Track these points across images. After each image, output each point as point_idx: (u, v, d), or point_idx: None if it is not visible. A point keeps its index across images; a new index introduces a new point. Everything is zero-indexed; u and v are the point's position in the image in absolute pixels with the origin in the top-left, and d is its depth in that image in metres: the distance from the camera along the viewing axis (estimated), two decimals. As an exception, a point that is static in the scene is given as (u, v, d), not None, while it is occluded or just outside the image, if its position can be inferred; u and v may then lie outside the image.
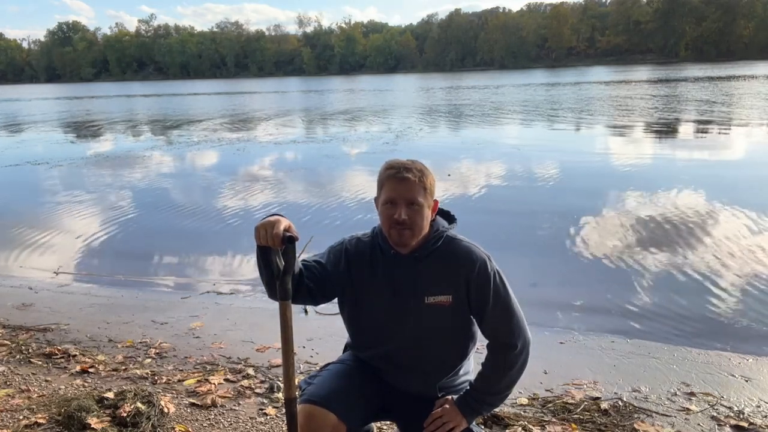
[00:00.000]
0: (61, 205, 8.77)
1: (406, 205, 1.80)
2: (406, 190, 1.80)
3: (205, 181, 10.58)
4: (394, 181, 1.81)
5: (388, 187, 1.82)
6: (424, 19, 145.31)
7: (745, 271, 4.98)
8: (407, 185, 1.80)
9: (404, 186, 1.80)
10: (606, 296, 4.67)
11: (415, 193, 1.80)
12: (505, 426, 2.74)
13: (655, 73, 55.82)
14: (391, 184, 1.82)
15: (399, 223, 1.79)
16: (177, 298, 4.94)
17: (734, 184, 8.39)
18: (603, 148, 12.55)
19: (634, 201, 7.53)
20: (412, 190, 1.80)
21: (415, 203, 1.80)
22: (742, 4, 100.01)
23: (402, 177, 1.80)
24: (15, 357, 3.64)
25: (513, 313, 1.86)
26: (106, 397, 2.89)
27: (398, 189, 1.80)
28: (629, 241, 5.95)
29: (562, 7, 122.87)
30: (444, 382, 1.98)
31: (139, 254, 6.32)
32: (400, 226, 1.80)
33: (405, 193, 1.80)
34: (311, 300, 1.92)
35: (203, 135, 18.08)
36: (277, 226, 1.67)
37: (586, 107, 22.92)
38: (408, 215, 1.79)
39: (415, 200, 1.80)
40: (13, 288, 5.26)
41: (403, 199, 1.80)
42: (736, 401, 3.00)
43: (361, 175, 10.45)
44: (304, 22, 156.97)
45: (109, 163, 13.12)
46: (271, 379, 3.27)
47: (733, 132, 14.32)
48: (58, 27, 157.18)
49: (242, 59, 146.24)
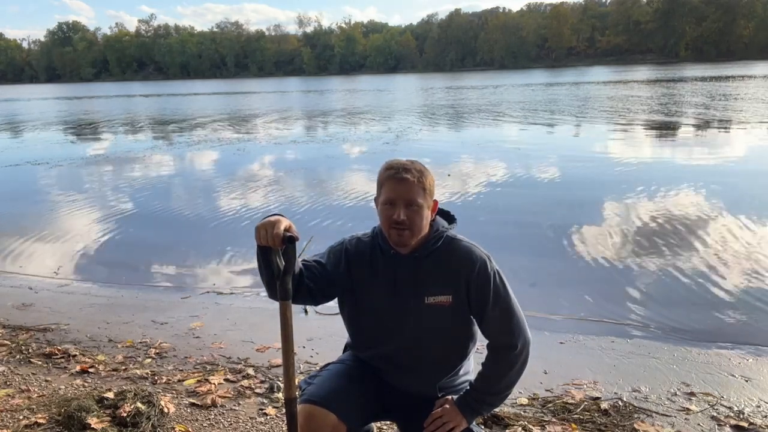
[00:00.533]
0: (61, 205, 8.77)
1: (405, 206, 1.80)
2: (405, 191, 1.80)
3: (205, 181, 10.58)
4: (393, 181, 1.81)
5: (387, 188, 1.82)
6: (424, 19, 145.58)
7: (745, 271, 4.98)
8: (406, 186, 1.80)
9: (403, 187, 1.80)
10: (606, 296, 4.66)
11: (413, 194, 1.80)
12: (505, 426, 2.74)
13: (655, 73, 55.84)
14: (390, 185, 1.82)
15: (398, 223, 1.80)
16: (177, 298, 4.93)
17: (734, 184, 8.39)
18: (603, 148, 12.55)
19: (635, 201, 7.53)
20: (410, 190, 1.80)
21: (413, 204, 1.80)
22: (742, 4, 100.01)
23: (401, 178, 1.80)
24: (15, 357, 3.64)
25: (513, 313, 1.86)
26: (106, 397, 2.89)
27: (397, 189, 1.80)
28: (629, 241, 5.95)
29: (562, 7, 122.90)
30: (444, 382, 1.98)
31: (139, 254, 6.32)
32: (399, 226, 1.80)
33: (404, 194, 1.80)
34: (311, 300, 1.92)
35: (203, 135, 18.08)
36: (277, 226, 1.67)
37: (585, 107, 22.92)
38: (407, 216, 1.79)
39: (414, 201, 1.80)
40: (13, 288, 5.26)
41: (402, 199, 1.80)
42: (736, 401, 3.00)
43: (362, 175, 10.45)
44: (304, 22, 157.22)
45: (109, 163, 13.12)
46: (271, 379, 3.27)
47: (733, 132, 14.33)
48: (58, 27, 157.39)
49: (242, 59, 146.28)
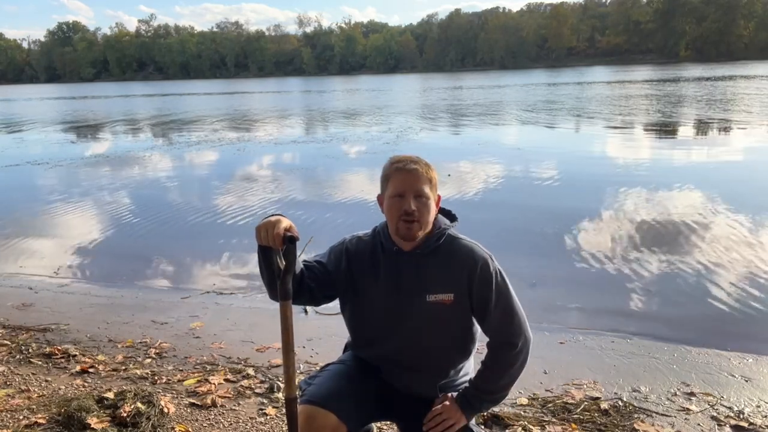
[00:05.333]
0: (61, 205, 8.77)
1: (415, 197, 1.80)
2: (414, 181, 1.81)
3: (205, 181, 10.57)
4: (403, 172, 1.82)
5: (396, 180, 1.83)
6: (424, 19, 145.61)
7: (745, 271, 4.98)
8: (415, 176, 1.81)
9: (413, 177, 1.81)
10: (606, 296, 4.67)
11: (422, 184, 1.81)
12: (505, 426, 2.74)
13: (655, 73, 55.83)
14: (399, 176, 1.82)
15: (408, 214, 1.79)
16: (177, 298, 4.93)
17: (734, 183, 8.38)
18: (603, 149, 12.56)
19: (635, 201, 7.53)
20: (419, 180, 1.81)
21: (423, 195, 1.81)
22: (742, 4, 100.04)
23: (410, 168, 1.81)
24: (15, 357, 3.65)
25: (515, 312, 1.86)
26: (106, 397, 2.89)
27: (407, 180, 1.81)
28: (629, 241, 5.94)
29: (562, 7, 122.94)
30: (444, 382, 1.98)
31: (139, 254, 6.32)
32: (408, 217, 1.80)
33: (413, 184, 1.81)
34: (312, 300, 1.92)
35: (203, 135, 18.07)
36: (277, 226, 1.68)
37: (585, 107, 22.91)
38: (417, 207, 1.80)
39: (423, 192, 1.81)
40: (13, 288, 5.26)
41: (411, 190, 1.80)
42: (736, 401, 3.00)
43: (362, 175, 10.45)
44: (304, 22, 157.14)
45: (109, 163, 13.11)
46: (271, 379, 3.27)
47: (733, 132, 14.33)
48: (58, 27, 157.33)
49: (242, 59, 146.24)
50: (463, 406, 1.88)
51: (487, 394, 1.90)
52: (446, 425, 1.86)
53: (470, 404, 1.89)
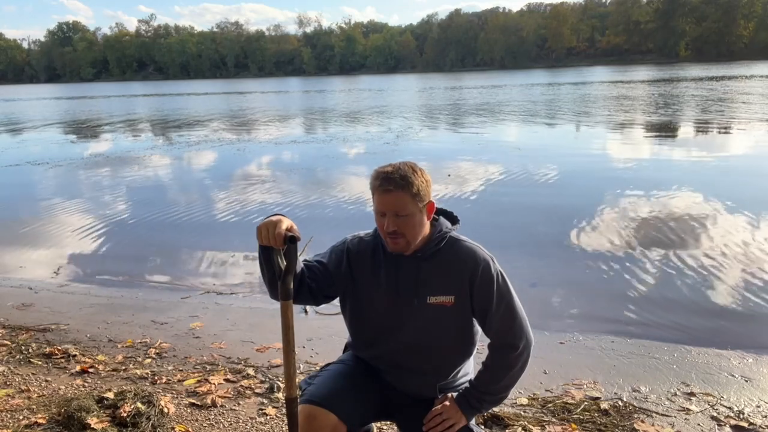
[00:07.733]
0: (61, 205, 8.77)
1: (394, 216, 1.79)
2: (391, 203, 1.78)
3: (205, 181, 10.57)
4: (379, 192, 1.81)
5: (376, 199, 1.83)
6: (424, 19, 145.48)
7: (746, 271, 4.98)
8: (391, 198, 1.78)
9: (388, 199, 1.79)
10: (606, 296, 4.67)
11: (400, 205, 1.78)
12: (505, 426, 2.74)
13: (655, 73, 55.81)
14: (377, 196, 1.82)
15: (390, 233, 1.80)
16: (177, 298, 4.93)
17: (733, 183, 8.38)
18: (603, 148, 12.56)
19: (634, 201, 7.53)
20: (395, 203, 1.78)
21: (401, 214, 1.79)
22: (742, 4, 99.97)
23: (385, 189, 1.79)
24: (15, 357, 3.64)
25: (516, 314, 1.86)
26: (106, 397, 2.89)
27: (383, 202, 1.80)
28: (629, 241, 5.94)
29: (562, 7, 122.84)
30: (444, 383, 1.98)
31: (139, 254, 6.32)
32: (392, 235, 1.81)
33: (390, 206, 1.79)
34: (313, 300, 1.92)
35: (203, 135, 18.07)
36: (278, 226, 1.67)
37: (585, 107, 22.91)
38: (397, 225, 1.79)
39: (403, 211, 1.79)
40: (13, 288, 5.26)
41: (390, 211, 1.79)
42: (736, 401, 3.00)
43: (362, 175, 10.44)
44: (304, 22, 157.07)
45: (108, 163, 13.11)
46: (271, 379, 3.27)
47: (733, 132, 14.33)
48: (58, 27, 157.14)
49: (242, 59, 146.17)
50: (463, 406, 1.88)
51: (487, 395, 1.90)
52: (446, 425, 1.86)
53: (470, 405, 1.89)
